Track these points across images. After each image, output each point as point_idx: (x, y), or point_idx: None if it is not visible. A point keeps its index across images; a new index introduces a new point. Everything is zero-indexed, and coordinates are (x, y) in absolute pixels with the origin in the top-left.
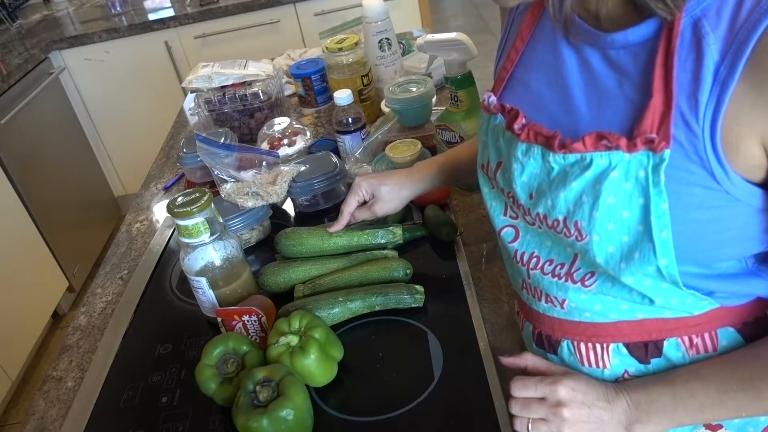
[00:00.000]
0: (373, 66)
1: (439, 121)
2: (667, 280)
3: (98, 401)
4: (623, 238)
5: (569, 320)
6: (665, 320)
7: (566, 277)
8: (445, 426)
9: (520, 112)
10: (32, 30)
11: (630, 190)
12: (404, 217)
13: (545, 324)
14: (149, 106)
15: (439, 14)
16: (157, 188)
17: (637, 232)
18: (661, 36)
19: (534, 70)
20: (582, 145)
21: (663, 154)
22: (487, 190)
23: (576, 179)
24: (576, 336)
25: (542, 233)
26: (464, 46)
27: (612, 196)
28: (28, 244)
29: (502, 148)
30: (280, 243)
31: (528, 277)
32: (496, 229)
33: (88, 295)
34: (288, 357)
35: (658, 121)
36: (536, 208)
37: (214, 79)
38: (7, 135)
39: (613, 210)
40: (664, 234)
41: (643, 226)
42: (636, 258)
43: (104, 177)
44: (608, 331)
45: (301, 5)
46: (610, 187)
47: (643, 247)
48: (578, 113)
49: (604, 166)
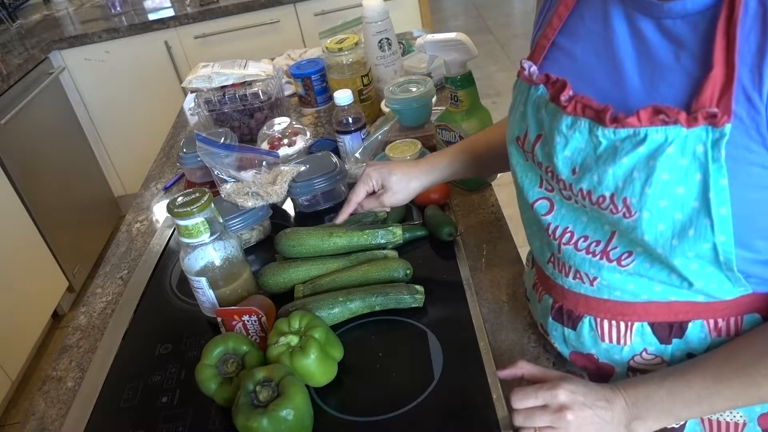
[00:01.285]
0: (373, 66)
1: (439, 121)
2: (721, 259)
3: (98, 401)
4: (676, 215)
5: (596, 297)
6: (695, 303)
7: (601, 255)
8: (445, 426)
9: (568, 83)
10: (32, 30)
11: (686, 166)
12: (404, 217)
13: (568, 299)
14: (149, 106)
15: (439, 14)
16: (157, 188)
17: (692, 209)
18: (723, 4)
19: (581, 40)
20: (636, 120)
21: (724, 128)
22: (521, 161)
23: (627, 155)
24: (600, 313)
25: (578, 209)
26: (464, 46)
27: (667, 172)
28: (28, 244)
29: (544, 121)
30: (280, 243)
31: (559, 252)
32: (529, 201)
33: (88, 295)
34: (288, 357)
35: (718, 95)
36: (579, 184)
37: (214, 79)
38: (7, 135)
39: (667, 186)
40: (723, 210)
41: (699, 202)
42: (691, 235)
43: (104, 177)
44: (636, 310)
45: (301, 5)
46: (665, 162)
47: (700, 223)
48: (629, 86)
49: (659, 142)
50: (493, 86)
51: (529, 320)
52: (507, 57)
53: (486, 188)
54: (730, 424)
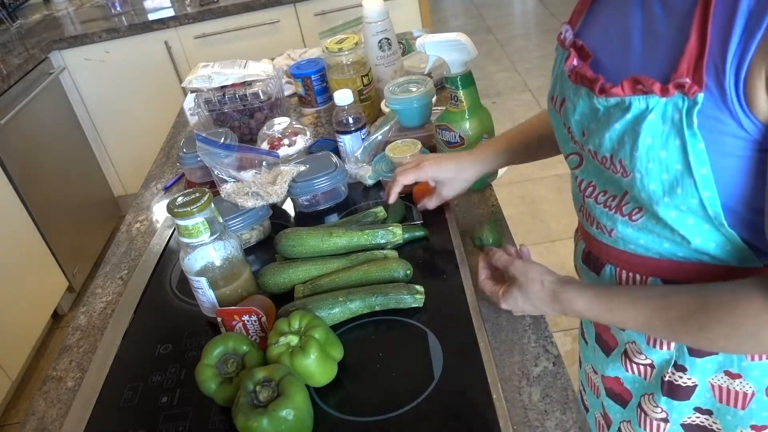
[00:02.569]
0: (373, 66)
1: (439, 121)
2: (711, 213)
3: (98, 401)
4: (663, 176)
5: (615, 248)
6: (703, 265)
7: (616, 209)
8: (445, 426)
9: (588, 51)
10: (32, 30)
11: (667, 132)
12: (404, 217)
13: (595, 246)
14: (149, 106)
15: (439, 14)
16: (157, 188)
17: (676, 170)
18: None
19: (610, 7)
20: (621, 90)
21: (696, 97)
22: (556, 119)
23: (618, 121)
24: (620, 263)
25: (599, 165)
26: (464, 46)
27: (650, 137)
28: (28, 244)
29: (563, 86)
30: (280, 243)
31: (584, 203)
32: (564, 155)
33: (88, 295)
34: (288, 357)
35: (693, 65)
36: (587, 145)
37: (214, 79)
38: (7, 135)
39: (651, 150)
40: (704, 170)
41: (682, 165)
42: (679, 193)
43: (104, 177)
44: (649, 264)
45: (301, 5)
46: (647, 128)
47: (685, 182)
48: (632, 55)
49: (641, 109)
50: (493, 86)
51: (529, 320)
52: (507, 57)
53: (486, 188)
54: (739, 393)
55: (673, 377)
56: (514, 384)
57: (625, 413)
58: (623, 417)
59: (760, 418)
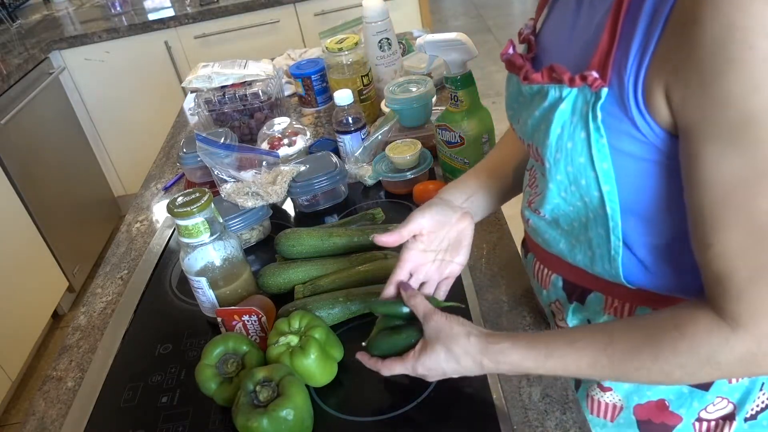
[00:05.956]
0: (373, 66)
1: (439, 121)
2: (608, 211)
3: (98, 401)
4: (568, 168)
5: (531, 238)
6: (597, 277)
7: (528, 202)
8: (445, 426)
9: (533, 45)
10: (32, 30)
11: (575, 123)
12: (404, 217)
13: (526, 233)
14: (149, 106)
15: (439, 14)
16: (157, 188)
17: (579, 163)
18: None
19: (561, 5)
20: (540, 77)
21: (599, 92)
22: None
23: (538, 107)
24: (536, 254)
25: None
26: (464, 46)
27: (559, 127)
28: (28, 244)
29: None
30: (280, 244)
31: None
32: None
33: (88, 295)
34: (288, 357)
35: (602, 61)
36: (518, 132)
37: (214, 79)
38: (7, 135)
39: (560, 140)
40: (605, 165)
41: (585, 158)
42: (583, 184)
43: (104, 177)
44: (552, 261)
45: (301, 5)
46: (559, 117)
47: (587, 175)
48: (566, 48)
49: (555, 98)
50: (493, 86)
51: (530, 320)
52: None
53: None
54: (609, 405)
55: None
56: (514, 384)
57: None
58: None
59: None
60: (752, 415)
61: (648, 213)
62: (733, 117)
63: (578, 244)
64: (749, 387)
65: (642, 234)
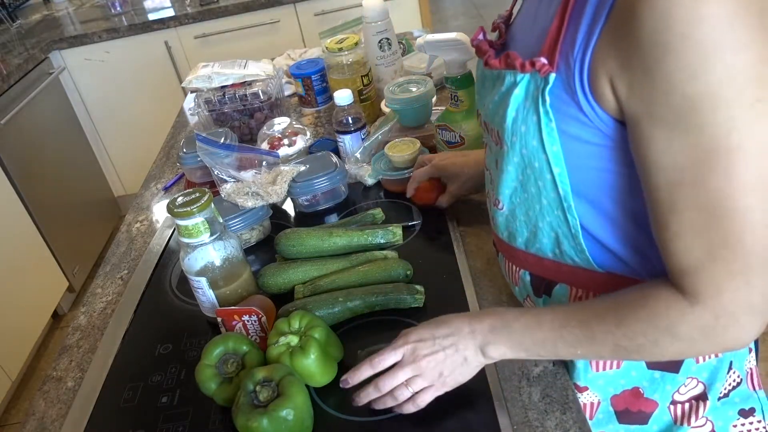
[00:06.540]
0: (373, 66)
1: (439, 121)
2: (561, 192)
3: (98, 401)
4: (523, 151)
5: (497, 235)
6: (560, 264)
7: (489, 195)
8: (444, 426)
9: (502, 32)
10: (32, 30)
11: (527, 108)
12: (404, 217)
13: (493, 233)
14: (149, 106)
15: (439, 14)
16: (157, 188)
17: (532, 146)
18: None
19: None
20: (498, 63)
21: (547, 77)
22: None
23: (497, 92)
24: (503, 251)
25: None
26: (464, 46)
27: (514, 111)
28: (28, 244)
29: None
30: (280, 244)
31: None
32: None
33: (88, 295)
34: (288, 357)
35: (551, 47)
36: (482, 117)
37: (214, 79)
38: (7, 135)
39: (515, 123)
40: (555, 148)
41: (536, 140)
42: (536, 167)
43: (104, 177)
44: (518, 255)
45: (301, 5)
46: (513, 102)
47: (539, 158)
48: (528, 36)
49: (511, 82)
50: None
51: None
52: None
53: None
54: (586, 405)
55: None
56: (514, 384)
57: None
58: None
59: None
60: (725, 394)
61: (597, 195)
62: (676, 102)
63: (539, 230)
64: (716, 366)
65: (596, 216)
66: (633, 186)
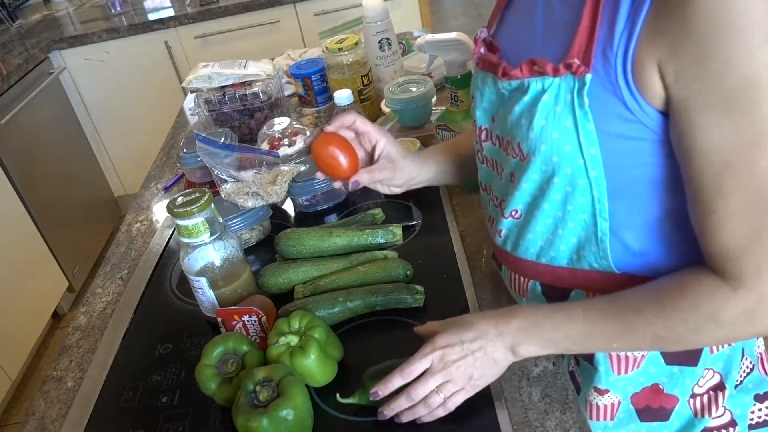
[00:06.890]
0: (373, 66)
1: (439, 121)
2: (595, 192)
3: (98, 401)
4: (554, 158)
5: (503, 249)
6: (574, 270)
7: (500, 204)
8: (445, 426)
9: (496, 46)
10: (32, 30)
11: (559, 113)
12: (404, 217)
13: (495, 246)
14: (149, 106)
15: (439, 14)
16: (157, 188)
17: (565, 153)
18: None
19: (518, 11)
20: (519, 72)
21: (584, 78)
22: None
23: (517, 103)
24: (508, 264)
25: (490, 170)
26: (464, 46)
27: (543, 119)
28: (28, 244)
29: (475, 80)
30: (280, 244)
31: (488, 206)
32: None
33: (88, 295)
34: (288, 357)
35: (584, 47)
36: (496, 131)
37: (214, 79)
38: (7, 135)
39: (545, 131)
40: (593, 150)
41: (571, 146)
42: (568, 173)
43: (104, 177)
44: (525, 267)
45: (301, 5)
46: (542, 109)
47: (573, 163)
48: (536, 44)
49: (538, 90)
50: None
51: None
52: None
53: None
54: (607, 406)
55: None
56: (514, 384)
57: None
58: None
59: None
60: (740, 381)
61: (636, 192)
62: (733, 83)
63: (558, 237)
64: (730, 355)
65: (630, 215)
66: (673, 177)
